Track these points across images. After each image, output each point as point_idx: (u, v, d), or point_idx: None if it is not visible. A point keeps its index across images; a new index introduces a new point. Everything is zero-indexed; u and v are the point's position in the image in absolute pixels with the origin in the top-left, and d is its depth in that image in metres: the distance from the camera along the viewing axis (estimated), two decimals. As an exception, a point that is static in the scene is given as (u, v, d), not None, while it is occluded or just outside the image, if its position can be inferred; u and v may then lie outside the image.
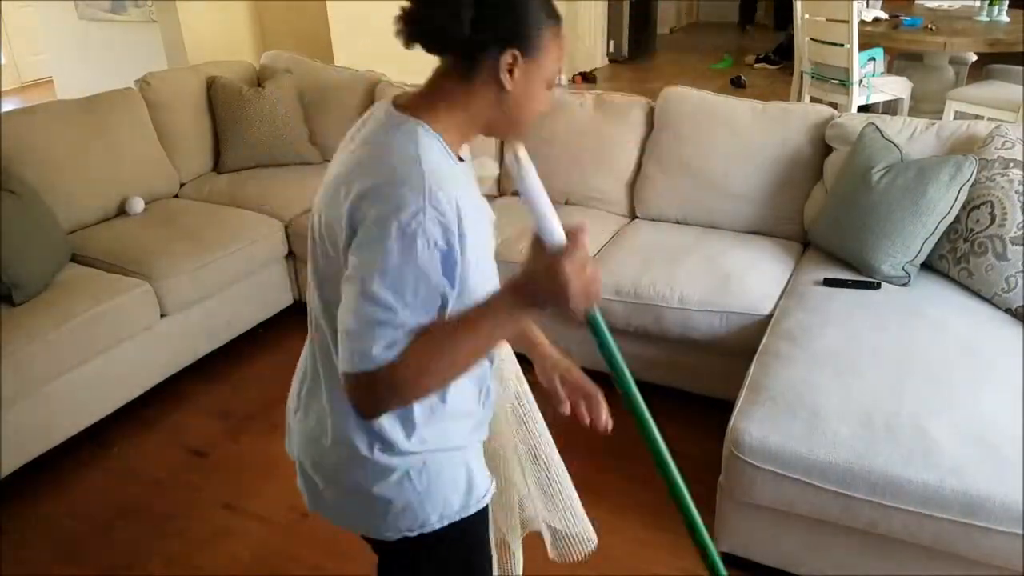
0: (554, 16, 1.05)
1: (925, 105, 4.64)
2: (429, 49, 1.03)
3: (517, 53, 1.01)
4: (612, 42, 7.68)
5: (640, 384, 1.08)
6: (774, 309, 2.31)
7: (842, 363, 1.92)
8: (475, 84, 1.04)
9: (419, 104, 1.06)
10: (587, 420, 1.24)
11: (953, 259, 2.27)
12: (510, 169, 0.96)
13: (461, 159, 1.10)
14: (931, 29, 4.45)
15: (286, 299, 3.25)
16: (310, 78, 3.60)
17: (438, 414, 1.13)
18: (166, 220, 3.03)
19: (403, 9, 1.01)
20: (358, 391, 0.99)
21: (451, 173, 1.02)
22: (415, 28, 1.01)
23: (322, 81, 3.59)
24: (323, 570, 2.06)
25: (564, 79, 6.92)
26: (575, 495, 1.47)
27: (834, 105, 3.79)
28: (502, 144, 3.20)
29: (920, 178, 2.25)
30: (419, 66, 1.13)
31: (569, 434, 1.44)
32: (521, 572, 1.55)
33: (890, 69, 4.87)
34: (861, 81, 4.32)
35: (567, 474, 1.46)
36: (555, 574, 1.59)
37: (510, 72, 1.02)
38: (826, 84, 4.57)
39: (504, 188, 3.21)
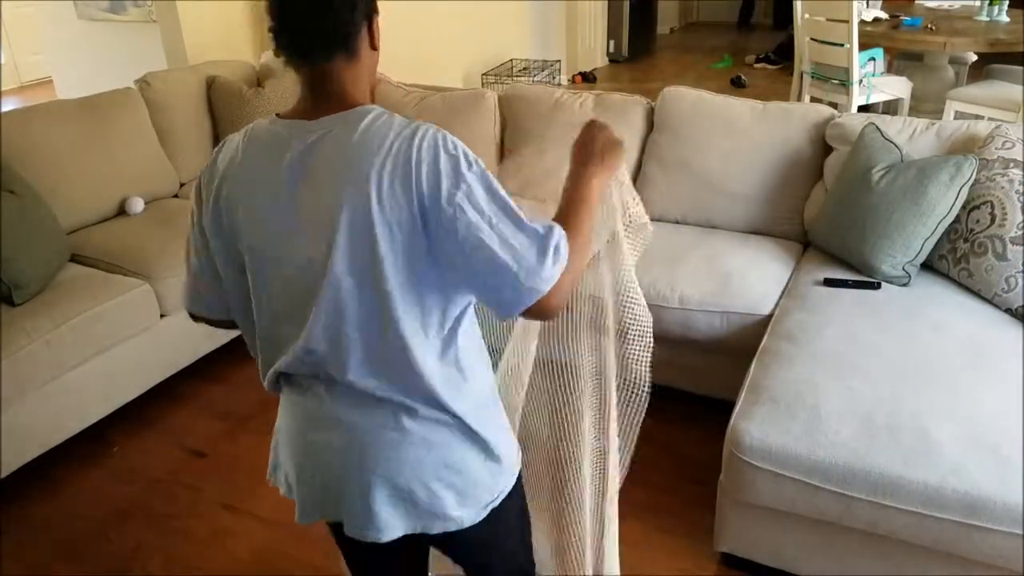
0: None
1: (925, 105, 4.64)
2: (315, 58, 1.05)
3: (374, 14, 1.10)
4: (612, 42, 7.67)
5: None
6: (774, 309, 2.31)
7: (842, 363, 1.92)
8: (361, 61, 1.09)
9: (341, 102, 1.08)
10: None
11: (953, 259, 2.27)
12: None
13: None
14: (931, 29, 4.45)
15: (286, 299, 3.24)
16: (310, 78, 3.59)
17: None
18: (166, 220, 3.03)
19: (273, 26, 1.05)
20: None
21: None
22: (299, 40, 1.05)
23: (322, 81, 3.58)
24: (323, 570, 2.06)
25: (564, 79, 6.92)
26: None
27: (834, 105, 3.79)
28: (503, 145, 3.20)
29: (920, 178, 2.25)
30: (419, 66, 1.14)
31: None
32: None
33: (890, 69, 4.87)
34: (861, 81, 4.32)
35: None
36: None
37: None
38: (826, 84, 4.57)
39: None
